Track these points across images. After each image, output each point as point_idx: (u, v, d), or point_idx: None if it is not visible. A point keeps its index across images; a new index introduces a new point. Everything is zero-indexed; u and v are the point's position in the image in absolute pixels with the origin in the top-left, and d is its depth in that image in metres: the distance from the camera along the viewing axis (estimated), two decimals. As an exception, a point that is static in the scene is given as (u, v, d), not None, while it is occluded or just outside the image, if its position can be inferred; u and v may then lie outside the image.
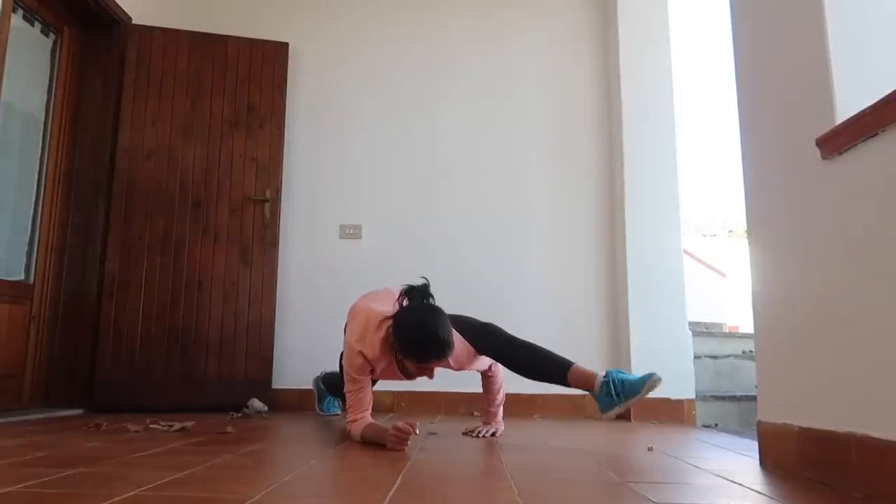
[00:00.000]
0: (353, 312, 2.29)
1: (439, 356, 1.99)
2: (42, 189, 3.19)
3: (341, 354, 2.32)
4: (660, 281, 3.32)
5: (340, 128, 3.77)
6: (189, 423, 2.47)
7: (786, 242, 1.71)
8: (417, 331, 2.00)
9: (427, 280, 2.12)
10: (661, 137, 3.45)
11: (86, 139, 3.38)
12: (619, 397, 2.06)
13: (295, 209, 3.67)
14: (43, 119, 3.23)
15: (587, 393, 2.17)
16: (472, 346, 2.25)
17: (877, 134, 1.35)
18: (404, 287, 2.13)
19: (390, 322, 2.09)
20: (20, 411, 2.90)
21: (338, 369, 2.64)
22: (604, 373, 2.13)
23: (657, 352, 3.24)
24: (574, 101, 3.74)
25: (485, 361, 2.38)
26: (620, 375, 2.10)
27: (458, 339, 2.17)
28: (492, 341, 2.28)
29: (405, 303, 2.09)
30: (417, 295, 2.09)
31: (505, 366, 2.33)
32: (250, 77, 3.60)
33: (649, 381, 2.02)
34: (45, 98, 3.25)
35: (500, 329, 2.31)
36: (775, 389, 1.78)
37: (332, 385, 3.03)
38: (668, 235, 3.37)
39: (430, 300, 2.10)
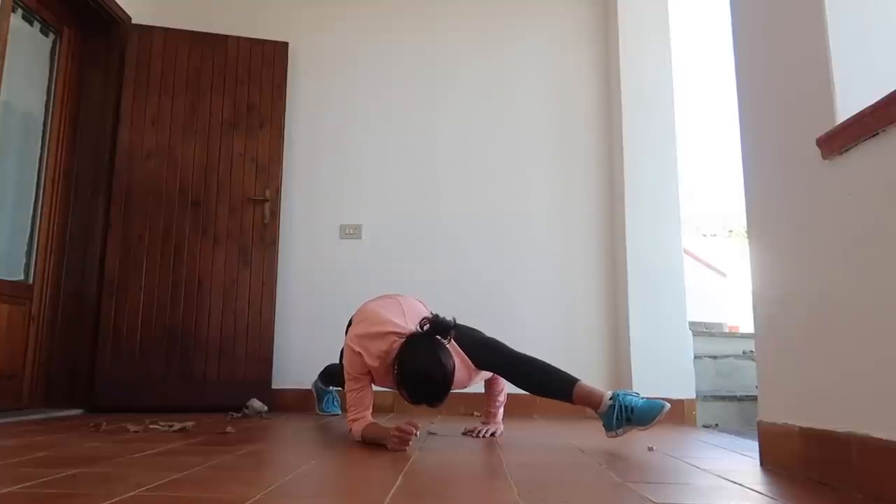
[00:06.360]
0: (361, 313, 2.28)
1: (430, 405, 2.00)
2: (41, 189, 3.19)
3: (342, 350, 2.31)
4: (660, 281, 3.32)
5: (340, 128, 3.77)
6: (189, 424, 2.46)
7: (786, 242, 1.71)
8: (419, 380, 1.96)
9: (454, 320, 2.05)
10: (661, 137, 3.45)
11: (85, 139, 3.38)
12: (628, 423, 2.05)
13: (295, 209, 3.67)
14: (42, 119, 3.22)
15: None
16: (472, 360, 2.22)
17: (877, 134, 1.35)
18: (432, 315, 2.08)
19: (395, 338, 2.08)
20: (20, 411, 2.90)
21: (338, 361, 2.64)
22: (610, 394, 2.10)
23: (657, 352, 3.24)
24: (574, 101, 3.74)
25: (486, 374, 2.37)
26: (628, 399, 2.06)
27: (458, 358, 2.14)
28: (495, 357, 2.25)
29: (425, 327, 2.04)
30: (438, 330, 2.03)
31: (509, 381, 2.30)
32: (250, 77, 3.60)
33: (660, 412, 2.00)
34: (45, 98, 3.25)
35: (503, 344, 2.29)
36: (775, 389, 1.78)
37: (331, 376, 3.02)
38: (668, 235, 3.37)
39: (449, 339, 2.05)
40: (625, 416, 2.04)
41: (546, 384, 2.21)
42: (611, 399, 2.08)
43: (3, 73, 2.67)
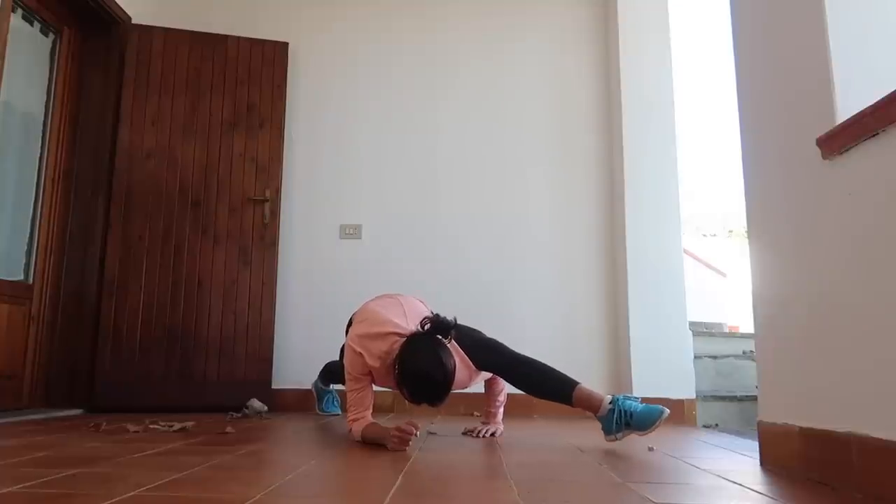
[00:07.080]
0: (362, 313, 2.28)
1: (430, 405, 2.00)
2: (42, 189, 3.19)
3: (342, 347, 2.31)
4: (660, 281, 3.32)
5: (340, 128, 3.77)
6: (189, 423, 2.47)
7: (786, 242, 1.71)
8: (420, 379, 1.96)
9: (455, 320, 2.06)
10: (661, 137, 3.45)
11: (85, 139, 3.38)
12: (627, 427, 2.05)
13: (295, 209, 3.67)
14: (42, 119, 3.22)
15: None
16: (473, 361, 2.22)
17: (877, 134, 1.35)
18: (433, 314, 2.08)
19: (396, 338, 2.08)
20: (20, 411, 2.90)
21: (338, 358, 2.64)
22: (610, 398, 2.10)
23: (657, 352, 3.24)
24: (574, 101, 3.74)
25: (486, 374, 2.37)
26: (628, 403, 2.06)
27: (458, 357, 2.14)
28: (495, 357, 2.25)
29: (426, 327, 2.04)
30: (438, 330, 2.03)
31: (508, 382, 2.31)
32: (250, 77, 3.60)
33: (660, 418, 2.00)
34: (45, 98, 3.25)
35: (503, 345, 2.29)
36: (776, 389, 1.78)
37: (331, 373, 3.02)
38: (668, 235, 3.37)
39: (450, 338, 2.06)
40: (624, 420, 2.05)
41: (545, 386, 2.21)
42: (610, 403, 2.08)
43: (3, 73, 2.67)
